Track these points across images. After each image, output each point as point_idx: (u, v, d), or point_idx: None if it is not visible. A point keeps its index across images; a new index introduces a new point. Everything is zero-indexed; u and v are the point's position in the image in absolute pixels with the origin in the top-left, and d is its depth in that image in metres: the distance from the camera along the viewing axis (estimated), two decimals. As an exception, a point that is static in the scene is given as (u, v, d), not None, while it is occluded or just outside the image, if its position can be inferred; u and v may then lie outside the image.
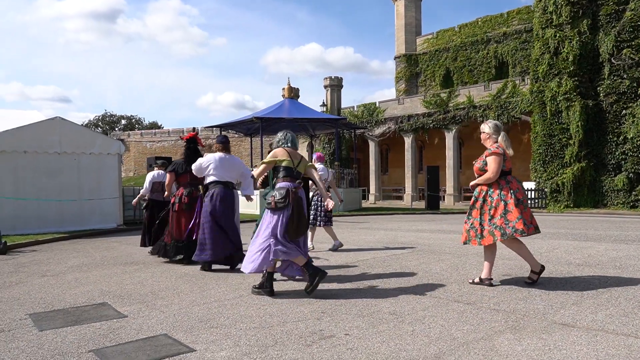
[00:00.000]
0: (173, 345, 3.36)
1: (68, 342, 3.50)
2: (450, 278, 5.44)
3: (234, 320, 3.92)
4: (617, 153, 20.39)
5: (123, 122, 73.71)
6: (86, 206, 12.48)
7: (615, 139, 20.48)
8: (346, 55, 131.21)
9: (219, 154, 6.38)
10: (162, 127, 65.33)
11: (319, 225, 8.11)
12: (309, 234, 8.05)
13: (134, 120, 74.35)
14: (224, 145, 6.47)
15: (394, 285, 5.14)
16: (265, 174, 5.27)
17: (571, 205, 21.05)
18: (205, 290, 5.11)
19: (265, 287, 4.79)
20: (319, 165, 8.27)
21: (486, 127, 5.04)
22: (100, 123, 72.02)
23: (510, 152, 4.94)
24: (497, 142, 4.95)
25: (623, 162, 20.21)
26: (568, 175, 21.03)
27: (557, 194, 21.34)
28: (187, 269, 6.49)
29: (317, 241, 8.87)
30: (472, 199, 5.05)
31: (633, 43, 19.89)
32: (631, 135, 19.76)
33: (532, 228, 4.74)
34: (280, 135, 5.19)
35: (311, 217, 7.95)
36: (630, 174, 19.92)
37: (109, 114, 73.65)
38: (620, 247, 7.79)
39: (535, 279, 4.96)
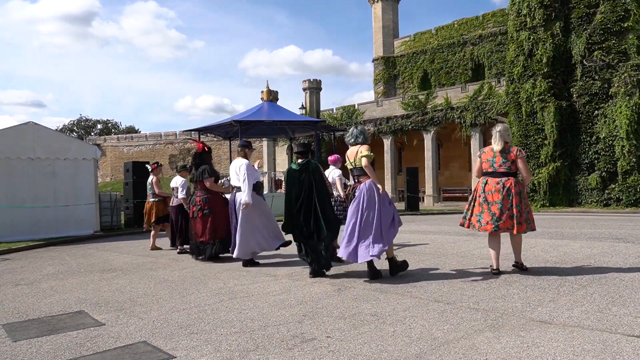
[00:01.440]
0: (152, 352, 3.31)
1: (43, 352, 3.42)
2: (430, 278, 5.49)
3: (214, 326, 3.89)
4: (590, 152, 20.87)
5: (99, 126, 72.65)
6: (61, 213, 12.22)
7: (588, 138, 20.96)
8: (325, 57, 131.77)
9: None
10: (140, 132, 64.50)
11: None
12: None
13: (110, 124, 73.31)
14: (241, 149, 6.94)
15: (375, 286, 5.15)
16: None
17: (547, 205, 21.46)
18: (185, 296, 5.05)
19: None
20: (336, 170, 7.89)
21: (493, 131, 5.53)
22: (75, 128, 70.82)
23: (496, 147, 5.36)
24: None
25: (596, 161, 20.69)
26: (544, 174, 21.44)
27: (533, 194, 21.72)
28: (166, 275, 6.42)
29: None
30: None
31: (603, 45, 20.40)
32: (603, 135, 20.25)
33: (486, 226, 5.23)
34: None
35: None
36: (603, 173, 20.40)
37: (84, 118, 72.62)
38: (595, 244, 7.97)
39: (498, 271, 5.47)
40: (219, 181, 7.96)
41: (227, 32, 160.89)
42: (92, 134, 67.68)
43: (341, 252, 5.41)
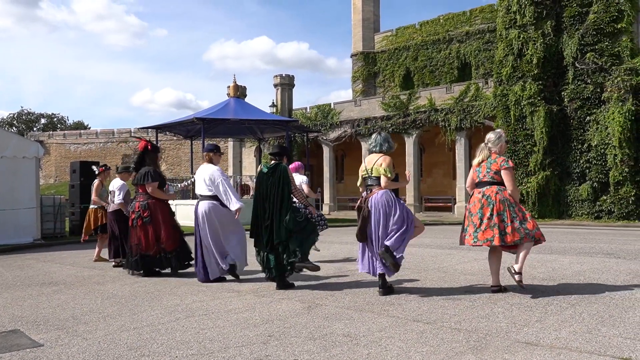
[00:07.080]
0: (97, 378, 3.23)
1: (-30, 377, 3.31)
2: (409, 296, 5.53)
3: (168, 347, 3.83)
4: (581, 161, 21.44)
5: (43, 121, 70.99)
6: (-4, 218, 11.87)
7: (579, 146, 21.55)
8: (300, 51, 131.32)
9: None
10: (89, 128, 63.30)
11: None
12: None
13: (55, 119, 71.74)
14: (206, 154, 6.83)
15: (348, 304, 5.17)
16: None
17: (536, 216, 21.92)
18: (136, 314, 4.97)
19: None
20: (299, 177, 8.30)
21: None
22: (15, 122, 69.08)
23: (475, 160, 5.55)
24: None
25: (587, 170, 21.27)
26: (532, 184, 21.91)
27: (522, 204, 22.16)
28: (115, 289, 6.29)
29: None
30: None
31: (596, 47, 21.06)
32: (595, 142, 20.84)
33: (467, 239, 5.40)
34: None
35: None
36: (594, 184, 20.98)
37: (26, 111, 70.73)
38: (585, 260, 8.18)
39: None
40: (164, 187, 7.54)
41: (190, 18, 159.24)
42: (35, 129, 66.07)
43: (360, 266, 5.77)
